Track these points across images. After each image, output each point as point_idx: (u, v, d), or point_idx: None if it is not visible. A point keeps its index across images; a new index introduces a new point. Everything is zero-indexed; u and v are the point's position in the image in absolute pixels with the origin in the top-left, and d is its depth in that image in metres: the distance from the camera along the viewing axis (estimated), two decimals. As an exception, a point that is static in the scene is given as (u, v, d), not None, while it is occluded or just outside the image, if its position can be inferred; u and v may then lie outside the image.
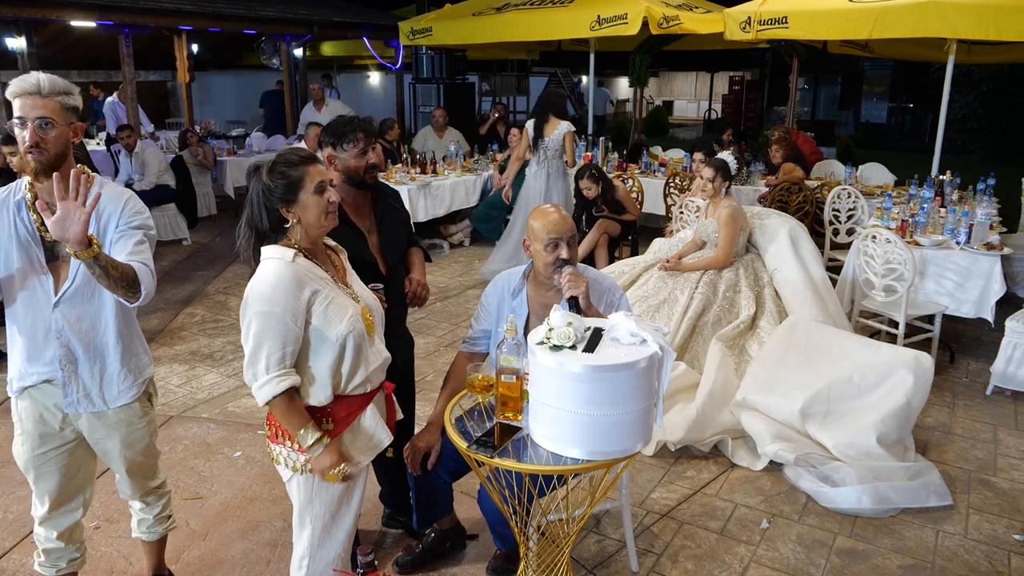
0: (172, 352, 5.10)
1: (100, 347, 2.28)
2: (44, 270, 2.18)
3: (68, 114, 2.12)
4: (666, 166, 8.23)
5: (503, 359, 2.13)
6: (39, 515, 2.44)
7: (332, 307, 2.07)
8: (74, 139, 2.16)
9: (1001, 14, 5.38)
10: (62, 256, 2.18)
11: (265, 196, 2.07)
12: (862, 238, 4.86)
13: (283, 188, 2.06)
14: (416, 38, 9.37)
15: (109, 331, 2.28)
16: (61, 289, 2.19)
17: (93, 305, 2.24)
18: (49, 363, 2.25)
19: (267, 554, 3.04)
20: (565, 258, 2.47)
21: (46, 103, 2.06)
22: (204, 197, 9.31)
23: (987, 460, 3.79)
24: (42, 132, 2.05)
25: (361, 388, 2.18)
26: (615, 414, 1.94)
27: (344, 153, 2.64)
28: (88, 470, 2.49)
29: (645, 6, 7.38)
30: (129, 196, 2.25)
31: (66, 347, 2.23)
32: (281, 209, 2.07)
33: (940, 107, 6.54)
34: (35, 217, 2.16)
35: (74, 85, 2.18)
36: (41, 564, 2.50)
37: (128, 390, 2.35)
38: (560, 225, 2.48)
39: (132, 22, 8.91)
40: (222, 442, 3.93)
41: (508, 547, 2.74)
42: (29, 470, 2.39)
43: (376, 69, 18.38)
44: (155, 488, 2.62)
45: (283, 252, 2.07)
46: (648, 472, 3.64)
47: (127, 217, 2.21)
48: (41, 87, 2.06)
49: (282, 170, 2.06)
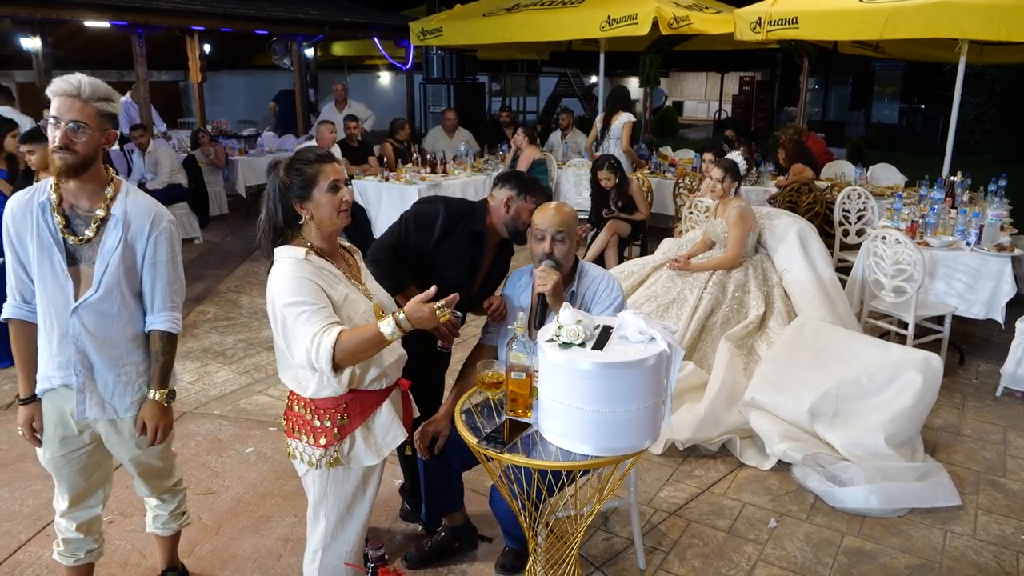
0: (184, 349, 5.15)
1: (118, 356, 2.27)
2: (65, 274, 2.17)
3: (104, 120, 2.11)
4: (676, 166, 8.24)
5: (513, 356, 2.15)
6: (60, 508, 2.48)
7: (347, 301, 2.12)
8: (105, 146, 2.17)
9: (1011, 14, 5.35)
10: (84, 261, 2.18)
11: (281, 192, 2.11)
12: (872, 239, 4.85)
13: (298, 184, 2.10)
14: (427, 38, 9.40)
15: (128, 341, 2.28)
16: (82, 295, 2.18)
17: (114, 315, 2.22)
18: (65, 367, 2.24)
19: (278, 549, 3.07)
20: (548, 252, 2.52)
21: (84, 107, 2.06)
22: (216, 196, 9.38)
23: (996, 461, 3.79)
24: (73, 135, 2.05)
25: (377, 383, 2.21)
26: (624, 411, 1.96)
27: (523, 203, 2.71)
28: (106, 469, 2.52)
29: (655, 6, 7.38)
30: (155, 216, 2.23)
31: (82, 352, 2.22)
32: (295, 205, 2.11)
33: (951, 108, 6.52)
34: (59, 219, 2.16)
35: (115, 92, 2.18)
36: (60, 553, 2.53)
37: (144, 399, 2.35)
38: (550, 219, 2.55)
39: (145, 22, 8.98)
40: (234, 438, 3.97)
41: (518, 545, 2.77)
42: (51, 469, 2.42)
43: (387, 69, 18.44)
44: (171, 487, 2.66)
45: (296, 251, 2.11)
46: (656, 471, 3.65)
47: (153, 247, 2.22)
48: (82, 90, 2.05)
49: (299, 167, 2.11)
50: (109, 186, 2.20)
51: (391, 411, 2.27)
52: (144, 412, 2.33)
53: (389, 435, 2.26)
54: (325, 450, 2.17)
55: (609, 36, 7.90)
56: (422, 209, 2.81)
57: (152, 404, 2.33)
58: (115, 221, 2.18)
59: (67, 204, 2.17)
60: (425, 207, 2.82)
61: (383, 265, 2.66)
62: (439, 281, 2.70)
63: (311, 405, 2.17)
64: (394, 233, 2.77)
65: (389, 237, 2.77)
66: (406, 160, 8.24)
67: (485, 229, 2.76)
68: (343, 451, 2.20)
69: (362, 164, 7.95)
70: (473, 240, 2.77)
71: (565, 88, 18.89)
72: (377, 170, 7.77)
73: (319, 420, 2.16)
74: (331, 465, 2.19)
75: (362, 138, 8.25)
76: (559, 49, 11.62)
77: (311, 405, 2.17)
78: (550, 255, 2.53)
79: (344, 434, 2.17)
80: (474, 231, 2.75)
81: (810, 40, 8.39)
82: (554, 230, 2.53)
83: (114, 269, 2.18)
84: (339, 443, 2.18)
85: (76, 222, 2.18)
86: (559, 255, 2.55)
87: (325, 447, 2.17)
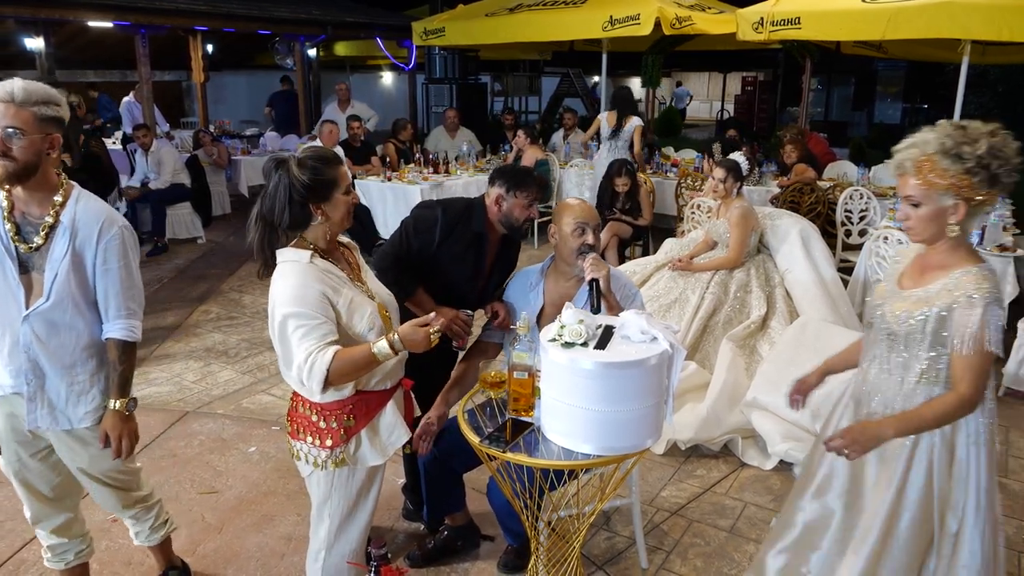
0: (187, 349, 5.16)
1: (70, 365, 2.21)
2: (17, 282, 2.11)
3: (45, 125, 2.03)
4: (678, 167, 8.24)
5: (516, 356, 2.16)
6: (28, 517, 2.44)
7: (353, 306, 2.11)
8: (50, 151, 2.08)
9: (1013, 15, 5.35)
10: (35, 268, 2.13)
11: (295, 190, 2.04)
12: (874, 239, 4.86)
13: (320, 185, 2.06)
14: (429, 38, 9.41)
15: (82, 350, 2.22)
16: (33, 304, 2.13)
17: (66, 323, 2.17)
18: (17, 375, 2.19)
19: (281, 547, 3.08)
20: (591, 243, 2.58)
21: (18, 112, 1.98)
22: (218, 196, 9.40)
23: (999, 462, 3.78)
24: (9, 141, 1.98)
25: (381, 384, 2.22)
26: (626, 410, 1.97)
27: (514, 200, 2.72)
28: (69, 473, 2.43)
29: (658, 7, 7.38)
30: (104, 222, 2.16)
31: (33, 362, 2.17)
32: (311, 206, 2.07)
33: (954, 108, 6.51)
34: (10, 227, 2.10)
35: (60, 94, 2.10)
36: (49, 560, 2.51)
37: (98, 409, 2.28)
38: (588, 212, 2.62)
39: (148, 22, 9.01)
40: (237, 438, 3.98)
41: (518, 542, 2.78)
42: (10, 475, 2.36)
43: (389, 69, 18.45)
44: (139, 500, 2.56)
45: (299, 255, 2.08)
46: (658, 471, 3.66)
47: (103, 254, 2.16)
48: (15, 95, 1.98)
49: (318, 167, 2.06)
50: (59, 192, 2.14)
51: (395, 411, 2.28)
52: (105, 422, 2.26)
53: (394, 435, 2.26)
54: (331, 451, 2.16)
55: (611, 36, 7.91)
56: (420, 214, 2.83)
57: (112, 414, 2.26)
58: (63, 228, 2.12)
59: (18, 211, 2.12)
60: (423, 212, 2.84)
61: (389, 274, 2.68)
62: (445, 282, 2.75)
63: (316, 407, 2.16)
64: (396, 241, 2.80)
65: (391, 246, 2.80)
66: (408, 160, 8.26)
67: (484, 228, 2.78)
68: (349, 451, 2.19)
69: (365, 164, 7.96)
70: (474, 239, 2.78)
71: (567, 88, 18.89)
72: (380, 170, 7.78)
73: (325, 421, 2.16)
74: (337, 466, 2.19)
75: (365, 138, 8.27)
76: (561, 49, 11.64)
77: (316, 407, 2.16)
78: (592, 247, 2.58)
79: (350, 435, 2.17)
80: (474, 231, 2.77)
81: (812, 40, 8.38)
82: (593, 224, 2.61)
83: (64, 277, 2.12)
84: (345, 444, 2.17)
85: (27, 229, 2.13)
86: (598, 246, 2.63)
87: (331, 448, 2.16)
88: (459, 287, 2.81)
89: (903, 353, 2.02)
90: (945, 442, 2.02)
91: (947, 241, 1.96)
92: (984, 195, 1.88)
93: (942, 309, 1.92)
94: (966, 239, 1.99)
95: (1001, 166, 1.87)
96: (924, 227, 1.95)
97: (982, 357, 1.88)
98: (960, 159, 1.85)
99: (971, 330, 1.86)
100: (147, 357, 4.99)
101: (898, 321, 2.00)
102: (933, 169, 1.88)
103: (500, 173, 2.80)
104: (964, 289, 1.89)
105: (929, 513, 2.04)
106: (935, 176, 1.88)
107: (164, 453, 3.83)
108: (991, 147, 1.86)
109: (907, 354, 2.01)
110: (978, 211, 1.94)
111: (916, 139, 1.94)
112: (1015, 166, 1.89)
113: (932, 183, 1.89)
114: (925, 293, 1.97)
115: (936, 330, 1.94)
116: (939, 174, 1.87)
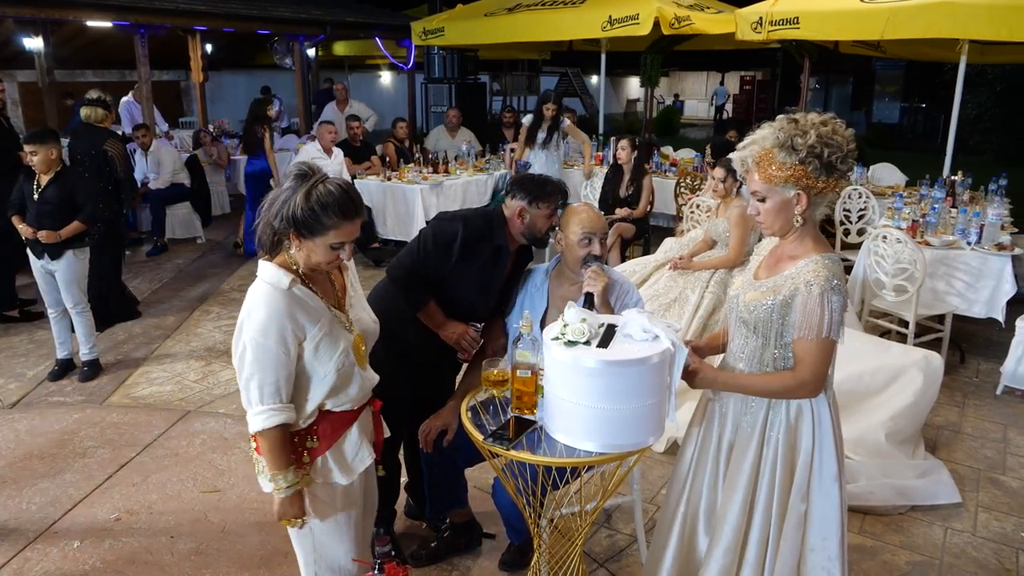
0: (188, 348, 5.17)
1: None
2: None
3: None
4: (677, 166, 8.25)
5: (519, 354, 2.17)
6: None
7: (323, 343, 2.00)
8: None
9: (1012, 14, 5.37)
10: None
11: (287, 209, 1.94)
12: (873, 238, 4.87)
13: (307, 225, 1.93)
14: (428, 38, 9.43)
15: None
16: None
17: None
18: None
19: (285, 546, 3.08)
20: (596, 255, 2.58)
21: None
22: (218, 195, 9.42)
23: (996, 459, 3.81)
24: None
25: (348, 405, 2.13)
26: (628, 408, 1.98)
27: (537, 211, 2.66)
28: None
29: (657, 6, 7.40)
30: None
31: None
32: (291, 233, 1.96)
33: (952, 107, 6.53)
34: None
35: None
36: None
37: None
38: (595, 221, 2.61)
39: (148, 22, 9.00)
40: (239, 437, 3.99)
41: (521, 540, 2.79)
42: None
43: (388, 69, 18.46)
44: None
45: (279, 277, 1.96)
46: (659, 469, 3.68)
47: None
48: None
49: (317, 212, 1.92)
50: None
51: (360, 432, 2.18)
52: None
53: (358, 457, 2.16)
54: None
55: (610, 36, 7.93)
56: (441, 228, 2.72)
57: None
58: None
59: None
60: (444, 226, 2.72)
61: (402, 283, 2.66)
62: (458, 295, 2.70)
63: None
64: (413, 251, 2.71)
65: (408, 256, 2.71)
66: (408, 160, 8.27)
67: (506, 241, 2.71)
68: (314, 470, 2.11)
69: (364, 164, 7.97)
70: (493, 255, 2.71)
71: (566, 87, 18.91)
72: (379, 170, 7.79)
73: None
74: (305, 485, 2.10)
75: (364, 138, 8.27)
76: (560, 49, 11.65)
77: None
78: (599, 257, 2.58)
79: (314, 456, 2.09)
80: (495, 245, 2.70)
81: (811, 40, 8.40)
82: (601, 233, 2.59)
83: None
84: (310, 464, 2.09)
85: None
86: (604, 255, 2.62)
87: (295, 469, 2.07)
88: (472, 301, 2.77)
89: (757, 340, 2.10)
90: (789, 430, 2.14)
91: (796, 232, 2.04)
92: (823, 183, 1.96)
93: (787, 297, 2.00)
94: (814, 229, 2.07)
95: (832, 154, 1.93)
96: (772, 220, 2.03)
97: (820, 343, 2.00)
98: (794, 150, 1.92)
99: (810, 317, 1.96)
100: (148, 357, 5.01)
101: (749, 310, 2.08)
102: (772, 163, 1.95)
103: (520, 185, 2.70)
104: (804, 277, 1.97)
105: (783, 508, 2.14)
106: (774, 169, 1.95)
107: (166, 452, 3.84)
108: (820, 136, 1.92)
109: (760, 341, 2.10)
110: (821, 200, 2.01)
111: (756, 136, 2.01)
112: (848, 152, 1.96)
113: (772, 176, 1.96)
114: (774, 283, 2.05)
115: (782, 318, 2.02)
116: (778, 167, 1.95)
